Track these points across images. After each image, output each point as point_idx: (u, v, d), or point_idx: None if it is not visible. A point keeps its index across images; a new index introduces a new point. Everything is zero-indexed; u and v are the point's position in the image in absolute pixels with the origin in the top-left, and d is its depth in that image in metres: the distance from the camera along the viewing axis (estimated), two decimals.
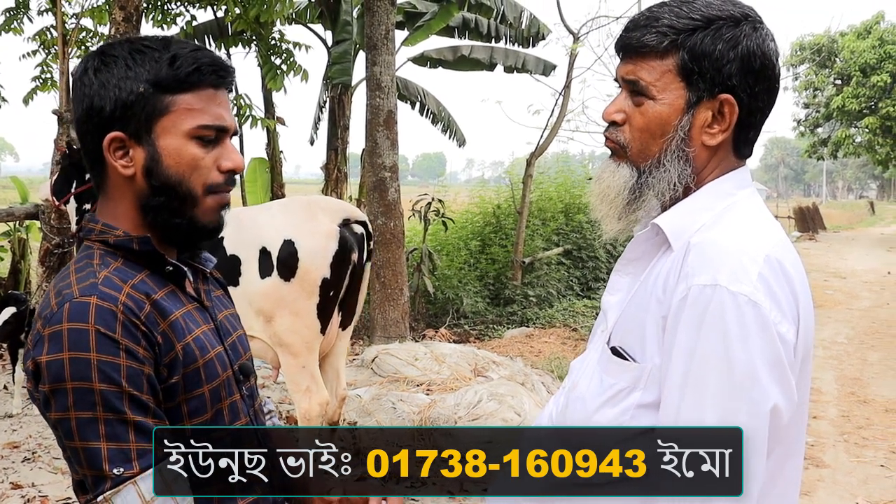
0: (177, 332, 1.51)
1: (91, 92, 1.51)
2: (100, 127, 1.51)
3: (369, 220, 9.20)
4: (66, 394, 1.37)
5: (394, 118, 9.26)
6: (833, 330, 11.40)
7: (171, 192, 1.53)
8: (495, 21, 13.69)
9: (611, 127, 1.65)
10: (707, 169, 1.61)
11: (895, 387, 8.31)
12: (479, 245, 12.74)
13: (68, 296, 1.42)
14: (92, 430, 1.37)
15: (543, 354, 9.03)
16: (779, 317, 1.44)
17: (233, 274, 4.65)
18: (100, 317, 1.39)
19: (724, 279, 1.44)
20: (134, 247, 1.53)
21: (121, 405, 1.38)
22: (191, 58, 1.52)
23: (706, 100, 1.56)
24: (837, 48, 33.79)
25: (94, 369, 1.37)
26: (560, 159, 16.60)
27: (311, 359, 4.79)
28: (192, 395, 1.52)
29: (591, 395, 1.62)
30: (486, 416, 5.67)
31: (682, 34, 1.55)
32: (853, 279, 17.51)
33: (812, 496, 5.32)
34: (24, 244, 9.92)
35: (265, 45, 11.23)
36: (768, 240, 1.52)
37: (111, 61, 1.51)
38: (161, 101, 1.50)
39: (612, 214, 1.66)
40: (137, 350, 1.41)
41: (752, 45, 1.54)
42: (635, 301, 1.61)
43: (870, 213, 55.62)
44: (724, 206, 1.58)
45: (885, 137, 33.77)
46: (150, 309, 1.47)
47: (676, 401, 1.47)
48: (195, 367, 1.52)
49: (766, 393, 1.42)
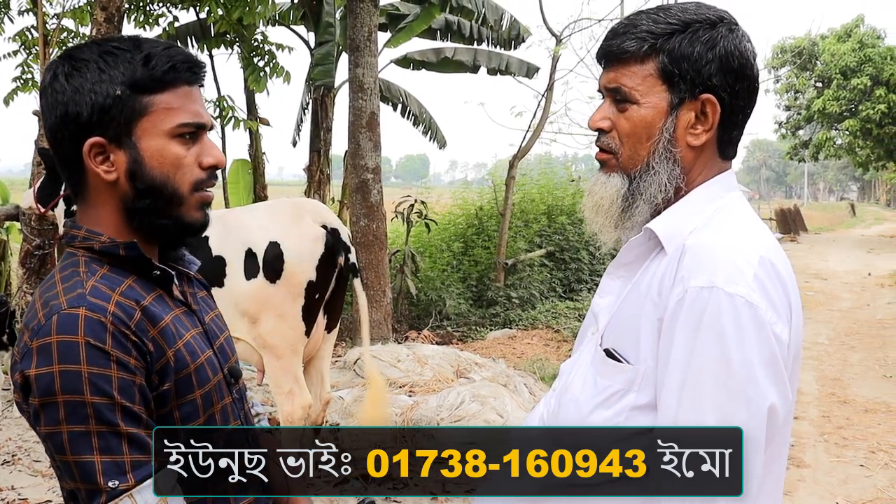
0: (167, 338, 1.49)
1: (65, 98, 1.47)
2: (77, 133, 1.48)
3: (351, 221, 9.25)
4: (57, 407, 1.35)
5: (376, 120, 9.26)
6: (813, 330, 11.47)
7: (157, 194, 1.51)
8: (477, 23, 13.72)
9: (600, 135, 1.67)
10: (695, 170, 1.63)
11: (875, 387, 8.37)
12: (462, 247, 12.75)
13: (56, 307, 1.40)
14: (85, 443, 1.35)
15: (526, 356, 9.05)
16: (774, 317, 1.46)
17: (218, 275, 4.64)
18: (89, 328, 1.37)
19: (720, 281, 1.46)
20: (120, 253, 1.51)
21: (113, 417, 1.36)
22: (165, 56, 1.49)
23: (688, 101, 1.58)
24: (818, 51, 33.99)
25: (85, 382, 1.35)
26: (543, 161, 16.67)
27: (295, 361, 4.78)
28: (185, 400, 1.51)
29: (586, 397, 1.63)
30: (469, 418, 5.67)
31: (660, 38, 1.58)
32: (834, 280, 17.63)
33: (793, 496, 5.35)
34: (3, 245, 9.85)
35: (248, 46, 11.20)
36: (761, 242, 1.55)
37: (82, 65, 1.48)
38: (139, 102, 1.48)
39: (609, 224, 1.69)
40: (128, 360, 1.39)
41: (730, 45, 1.57)
42: (628, 303, 1.63)
43: (850, 214, 55.99)
44: (714, 209, 1.60)
45: (865, 140, 33.99)
46: (140, 316, 1.45)
47: (675, 402, 1.48)
48: (187, 373, 1.51)
49: (763, 393, 1.43)
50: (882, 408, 7.54)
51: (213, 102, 11.23)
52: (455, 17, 13.67)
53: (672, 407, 1.48)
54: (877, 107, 31.49)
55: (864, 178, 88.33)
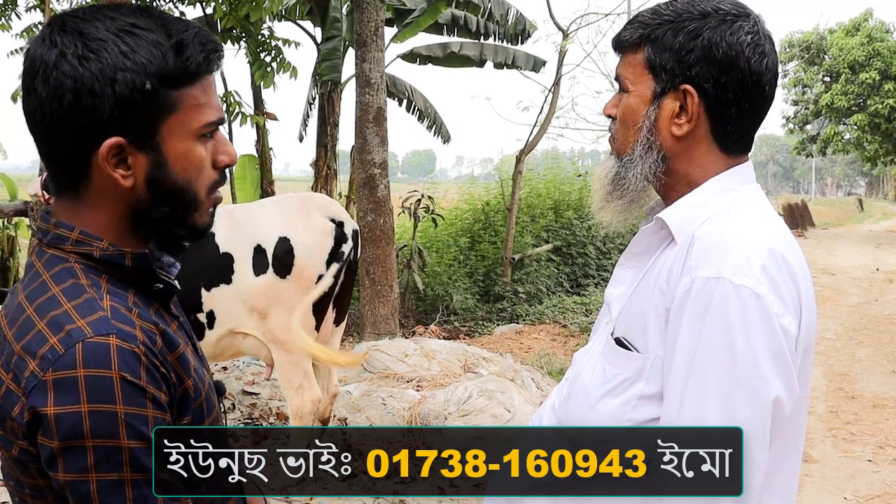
0: (184, 366, 1.33)
1: (77, 86, 1.21)
2: (90, 129, 1.23)
3: (359, 216, 9.25)
4: (85, 452, 1.16)
5: (383, 115, 9.26)
6: (821, 326, 11.44)
7: (177, 201, 1.32)
8: (483, 18, 13.71)
9: (611, 122, 1.72)
10: (682, 161, 1.63)
11: (883, 382, 8.36)
12: (469, 242, 12.75)
13: (77, 333, 1.19)
14: (117, 494, 1.18)
15: (533, 351, 9.05)
16: (781, 309, 1.46)
17: (225, 271, 4.64)
18: (123, 362, 1.18)
19: (727, 271, 1.46)
20: (126, 263, 1.31)
21: (148, 463, 1.20)
22: (198, 44, 1.28)
23: (671, 91, 1.60)
24: (826, 45, 33.87)
25: (121, 424, 1.17)
26: (549, 156, 16.67)
27: (305, 356, 4.79)
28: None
29: (594, 385, 1.64)
30: (476, 413, 5.68)
31: (649, 28, 1.61)
32: (842, 276, 17.57)
33: (800, 491, 5.35)
34: (12, 241, 9.89)
35: (254, 41, 11.20)
36: (772, 234, 1.54)
37: (100, 47, 1.22)
38: (168, 97, 1.26)
39: (598, 201, 1.74)
40: (160, 396, 1.22)
41: (716, 36, 1.56)
42: (639, 293, 1.64)
43: (858, 209, 55.77)
44: (728, 201, 1.60)
45: (873, 134, 33.87)
46: (161, 343, 1.27)
47: (679, 391, 1.48)
48: (199, 403, 1.36)
49: (768, 384, 1.43)
50: (890, 403, 7.53)
51: (220, 98, 11.20)
52: (461, 11, 13.68)
53: (676, 396, 1.49)
54: (885, 101, 31.38)
55: (872, 174, 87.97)
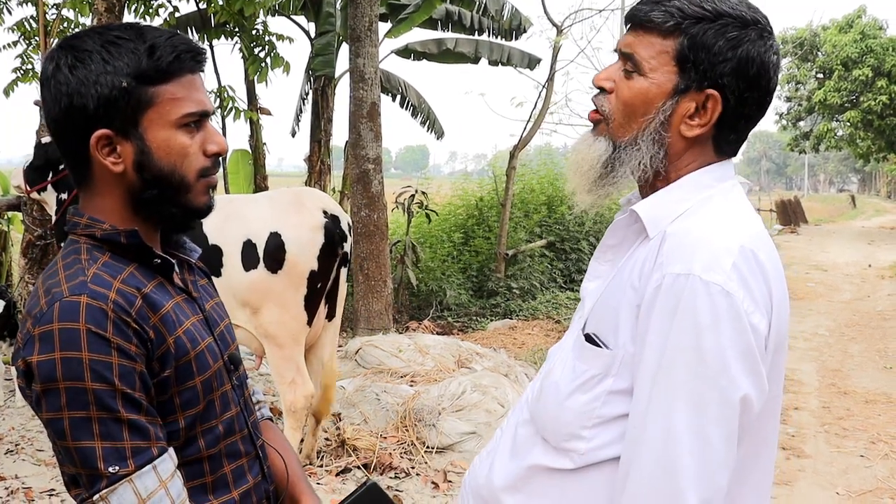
0: (168, 325, 1.50)
1: (69, 90, 1.46)
2: (82, 125, 1.48)
3: (353, 212, 9.25)
4: (58, 394, 1.36)
5: (377, 110, 9.25)
6: (814, 322, 11.48)
7: (164, 183, 1.52)
8: (478, 14, 13.70)
9: (599, 94, 1.65)
10: (683, 160, 1.61)
11: (875, 378, 8.39)
12: (463, 237, 12.76)
13: (58, 294, 1.41)
14: (85, 429, 1.37)
15: (526, 346, 9.07)
16: (751, 307, 1.44)
17: (214, 264, 4.63)
18: (90, 316, 1.38)
19: (697, 268, 1.44)
20: (121, 240, 1.51)
21: (114, 404, 1.37)
22: (169, 46, 1.49)
23: (693, 90, 1.55)
24: (819, 42, 33.95)
25: (86, 369, 1.36)
26: (543, 152, 16.66)
27: (297, 351, 4.79)
28: (185, 387, 1.51)
29: (565, 381, 1.63)
30: (470, 407, 5.68)
31: (687, 19, 1.54)
32: (834, 272, 17.63)
33: (792, 486, 5.37)
34: (5, 236, 9.86)
35: (248, 37, 11.17)
36: (744, 231, 1.52)
37: (86, 56, 1.47)
38: (145, 93, 1.47)
39: (584, 186, 1.68)
40: (129, 348, 1.40)
41: (753, 51, 1.53)
42: (611, 288, 1.62)
43: (851, 206, 55.97)
44: (703, 198, 1.58)
45: (866, 131, 33.99)
46: (140, 303, 1.46)
47: (648, 389, 1.47)
48: (187, 360, 1.51)
49: (736, 383, 1.42)
50: (882, 398, 7.56)
51: (213, 93, 11.19)
52: (456, 7, 13.66)
53: (645, 394, 1.48)
54: (878, 98, 31.50)
55: (865, 170, 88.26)
